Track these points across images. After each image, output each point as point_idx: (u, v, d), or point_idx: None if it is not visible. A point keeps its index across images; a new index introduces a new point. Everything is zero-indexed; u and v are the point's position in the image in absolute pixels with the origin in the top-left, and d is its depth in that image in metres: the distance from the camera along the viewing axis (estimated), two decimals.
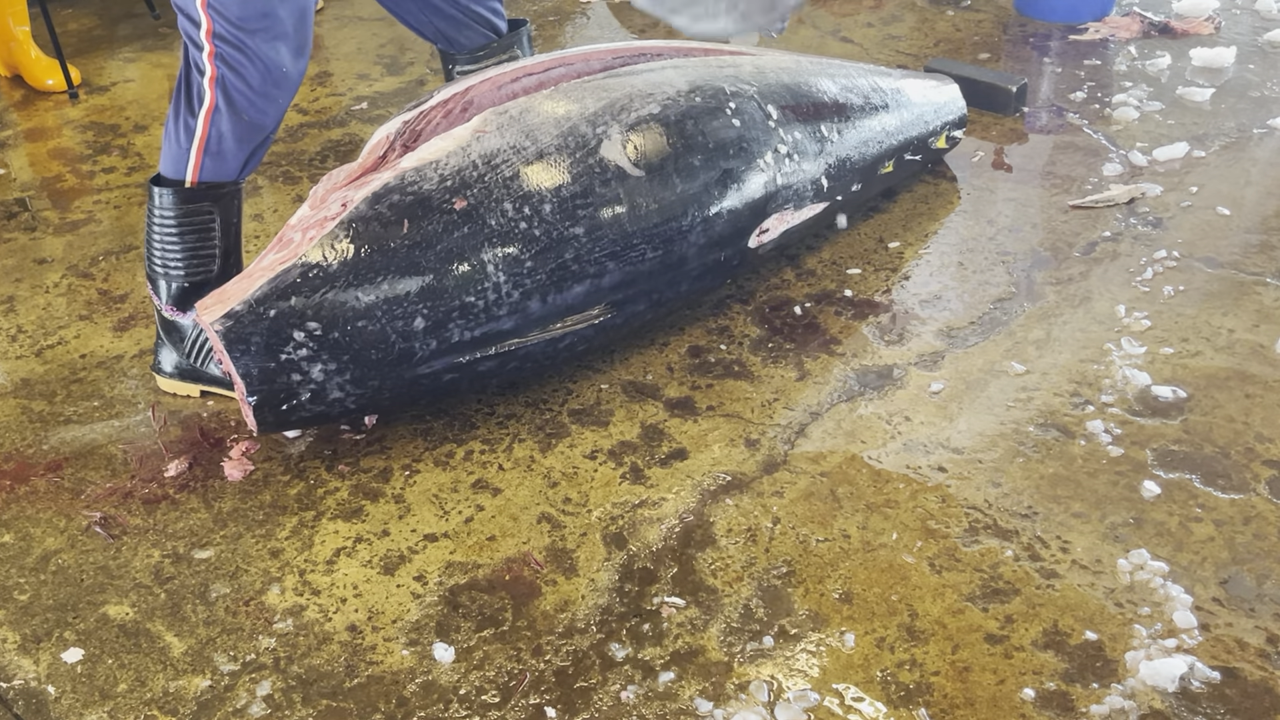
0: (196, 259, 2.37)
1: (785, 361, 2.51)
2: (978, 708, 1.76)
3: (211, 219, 2.35)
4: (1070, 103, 3.47)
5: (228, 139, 2.28)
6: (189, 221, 2.34)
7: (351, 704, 1.83)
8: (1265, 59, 3.65)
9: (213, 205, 2.34)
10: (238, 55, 2.20)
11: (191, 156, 2.29)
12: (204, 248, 2.37)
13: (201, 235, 2.36)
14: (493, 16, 2.75)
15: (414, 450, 2.33)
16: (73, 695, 1.87)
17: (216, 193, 2.33)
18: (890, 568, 2.01)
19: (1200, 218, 2.89)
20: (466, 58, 2.76)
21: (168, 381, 2.50)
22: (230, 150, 2.30)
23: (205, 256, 2.38)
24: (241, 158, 2.33)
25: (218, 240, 2.37)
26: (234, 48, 2.19)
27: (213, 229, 2.36)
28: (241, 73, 2.21)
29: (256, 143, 2.33)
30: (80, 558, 2.12)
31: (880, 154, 2.83)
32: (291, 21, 2.23)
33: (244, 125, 2.28)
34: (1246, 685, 1.78)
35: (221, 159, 2.30)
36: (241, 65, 2.21)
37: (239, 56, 2.20)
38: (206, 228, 2.35)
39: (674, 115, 2.42)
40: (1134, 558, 1.99)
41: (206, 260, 2.38)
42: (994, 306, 2.63)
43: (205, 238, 2.36)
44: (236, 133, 2.28)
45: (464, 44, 2.75)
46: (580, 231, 2.26)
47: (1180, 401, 2.32)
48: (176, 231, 2.34)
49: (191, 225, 2.34)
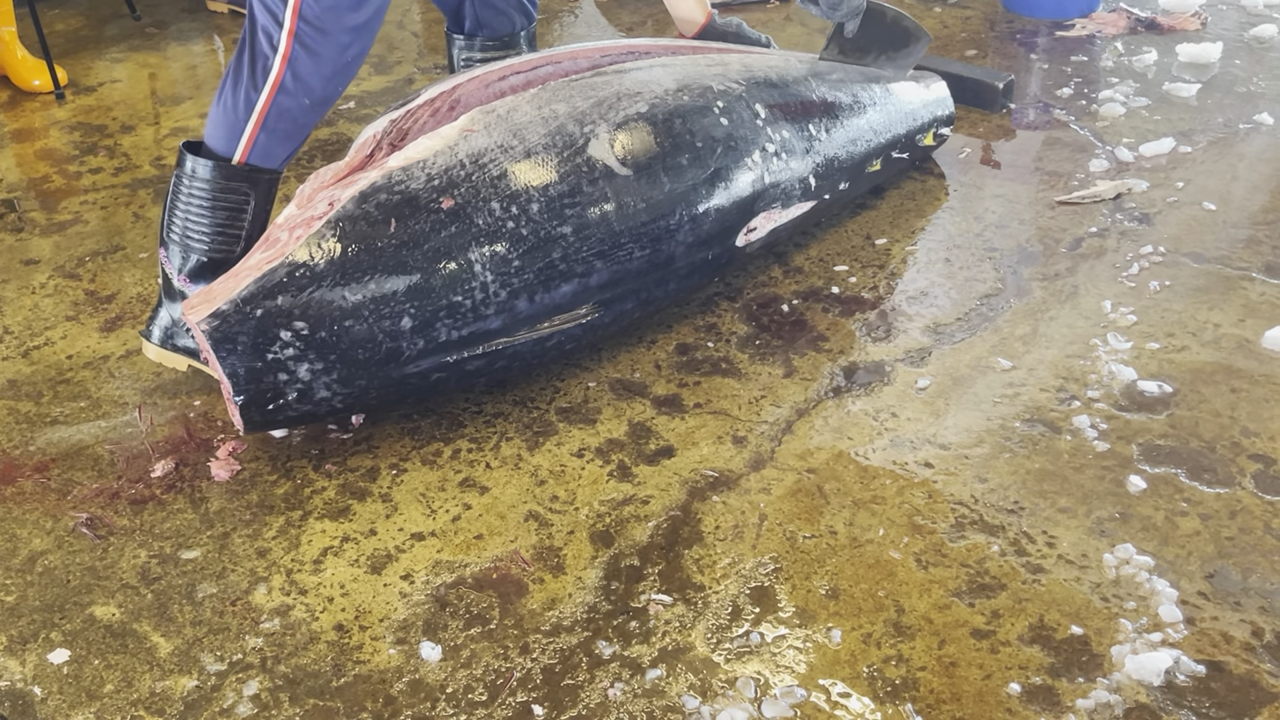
0: (223, 237, 2.35)
1: (773, 359, 2.51)
2: (964, 703, 1.77)
3: (247, 200, 2.33)
4: (1057, 99, 3.48)
5: (286, 119, 2.27)
6: (224, 199, 2.32)
7: (339, 703, 1.83)
8: (1251, 54, 3.66)
9: (251, 188, 2.33)
10: (320, 38, 2.19)
11: (247, 131, 2.27)
12: (232, 227, 2.35)
13: (233, 214, 2.33)
14: (528, 4, 2.78)
15: (401, 449, 2.33)
16: (59, 696, 1.86)
17: (257, 176, 2.32)
18: (877, 564, 2.01)
19: (1187, 213, 2.90)
20: (485, 43, 2.76)
21: (156, 351, 2.48)
22: (285, 132, 2.29)
23: (232, 236, 2.35)
24: (292, 143, 2.33)
25: (247, 224, 2.36)
26: (318, 30, 2.18)
27: (245, 211, 2.34)
28: (319, 55, 2.21)
29: (308, 130, 2.33)
30: (67, 558, 2.12)
31: (868, 152, 2.83)
32: (373, 10, 2.25)
33: (305, 109, 2.28)
34: (1232, 679, 1.78)
35: (275, 139, 2.29)
36: (320, 48, 2.20)
37: (320, 40, 2.19)
38: (239, 208, 2.33)
39: (661, 114, 2.42)
40: (1120, 552, 1.99)
41: (232, 240, 2.36)
42: (981, 303, 2.63)
43: (236, 218, 2.34)
44: (296, 115, 2.27)
45: (495, 28, 2.75)
46: (568, 231, 2.26)
47: (1166, 396, 2.33)
48: (208, 206, 2.32)
49: (225, 203, 2.32)
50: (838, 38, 2.89)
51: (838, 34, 2.89)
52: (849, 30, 2.85)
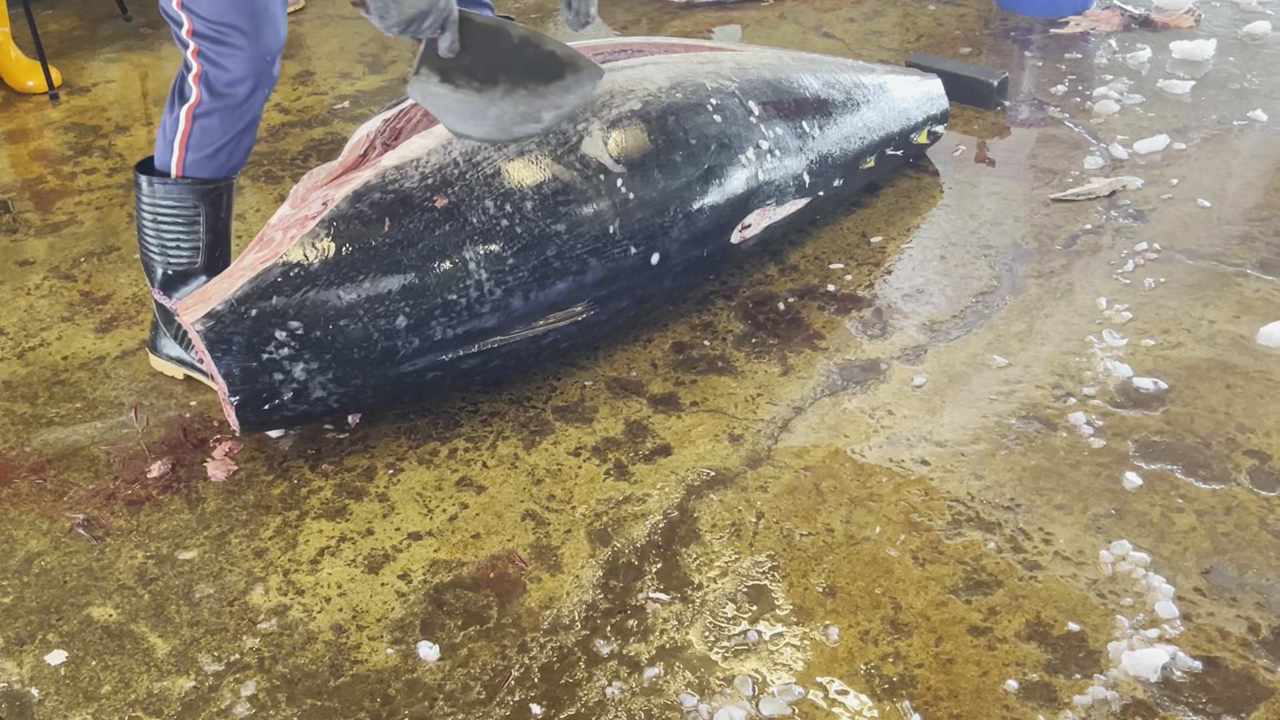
0: (179, 249, 2.37)
1: (769, 357, 2.51)
2: (961, 699, 1.77)
3: (196, 212, 2.35)
4: (1051, 96, 3.48)
5: (211, 134, 2.28)
6: (173, 212, 2.34)
7: (336, 703, 1.83)
8: (1245, 51, 3.67)
9: (198, 200, 2.34)
10: (218, 49, 2.20)
11: (175, 149, 2.30)
12: (187, 240, 2.37)
13: (186, 226, 2.35)
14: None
15: (398, 449, 2.33)
16: (56, 698, 1.86)
17: (203, 187, 2.33)
18: (874, 561, 2.01)
19: (1181, 210, 2.90)
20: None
21: (158, 361, 2.53)
22: (214, 145, 2.30)
23: (189, 249, 2.38)
24: (225, 154, 2.32)
25: (202, 234, 2.37)
26: (214, 42, 2.19)
27: (197, 222, 2.36)
28: (223, 65, 2.22)
29: (239, 138, 2.32)
30: (64, 560, 2.12)
31: (862, 149, 2.83)
32: (265, 12, 2.22)
33: (227, 120, 2.28)
34: (1228, 674, 1.79)
35: (205, 154, 2.30)
36: (222, 58, 2.21)
37: (219, 49, 2.20)
38: (191, 220, 2.35)
39: (655, 111, 2.42)
40: (1116, 549, 2.00)
41: (191, 253, 2.38)
42: (976, 300, 2.64)
43: (189, 230, 2.36)
44: (221, 127, 2.28)
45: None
46: (562, 228, 2.26)
47: (1161, 393, 2.33)
48: (160, 221, 2.35)
49: (175, 216, 2.34)
50: (431, 57, 2.11)
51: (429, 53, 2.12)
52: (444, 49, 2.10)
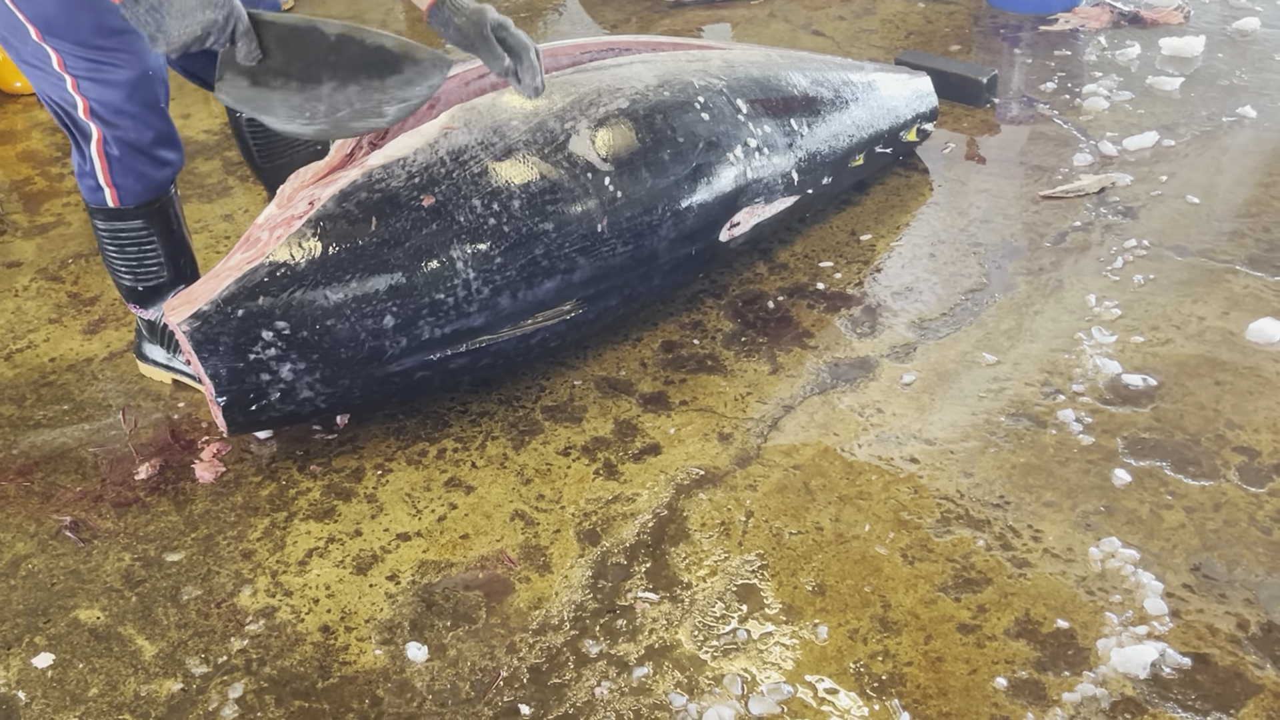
0: (142, 268, 2.38)
1: (758, 355, 2.51)
2: (951, 697, 1.77)
3: (149, 233, 2.34)
4: (1041, 93, 3.48)
5: (130, 158, 2.23)
6: (126, 237, 2.34)
7: (325, 704, 1.82)
8: (1234, 47, 3.67)
9: (146, 221, 2.33)
10: (96, 70, 2.13)
11: (105, 188, 2.26)
12: (148, 259, 2.37)
13: (141, 248, 2.35)
14: None
15: (386, 449, 2.32)
16: (43, 701, 1.85)
17: (146, 210, 2.31)
18: (863, 559, 2.01)
19: (1170, 206, 2.90)
20: None
21: (146, 367, 2.53)
22: (135, 170, 2.25)
23: (151, 266, 2.38)
24: (152, 175, 2.28)
25: (159, 250, 2.37)
26: (90, 64, 2.12)
27: (152, 241, 2.35)
28: (106, 88, 2.15)
29: (160, 152, 2.27)
30: (51, 562, 2.11)
31: (851, 147, 2.83)
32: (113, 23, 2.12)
33: (137, 140, 2.22)
34: (1217, 671, 1.78)
35: (133, 178, 2.26)
36: (103, 81, 2.14)
37: (97, 70, 2.13)
38: (145, 241, 2.35)
39: (643, 110, 2.42)
40: (1105, 545, 1.99)
41: (154, 269, 2.39)
42: (966, 297, 2.64)
43: (146, 251, 2.36)
44: (134, 149, 2.23)
45: None
46: (550, 227, 2.26)
47: (1151, 389, 2.33)
48: (116, 246, 2.35)
49: (130, 239, 2.34)
50: (230, 64, 2.07)
51: (227, 59, 2.07)
52: (242, 56, 2.04)
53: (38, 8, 2.06)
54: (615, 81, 2.44)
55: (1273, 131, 3.18)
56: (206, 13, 1.94)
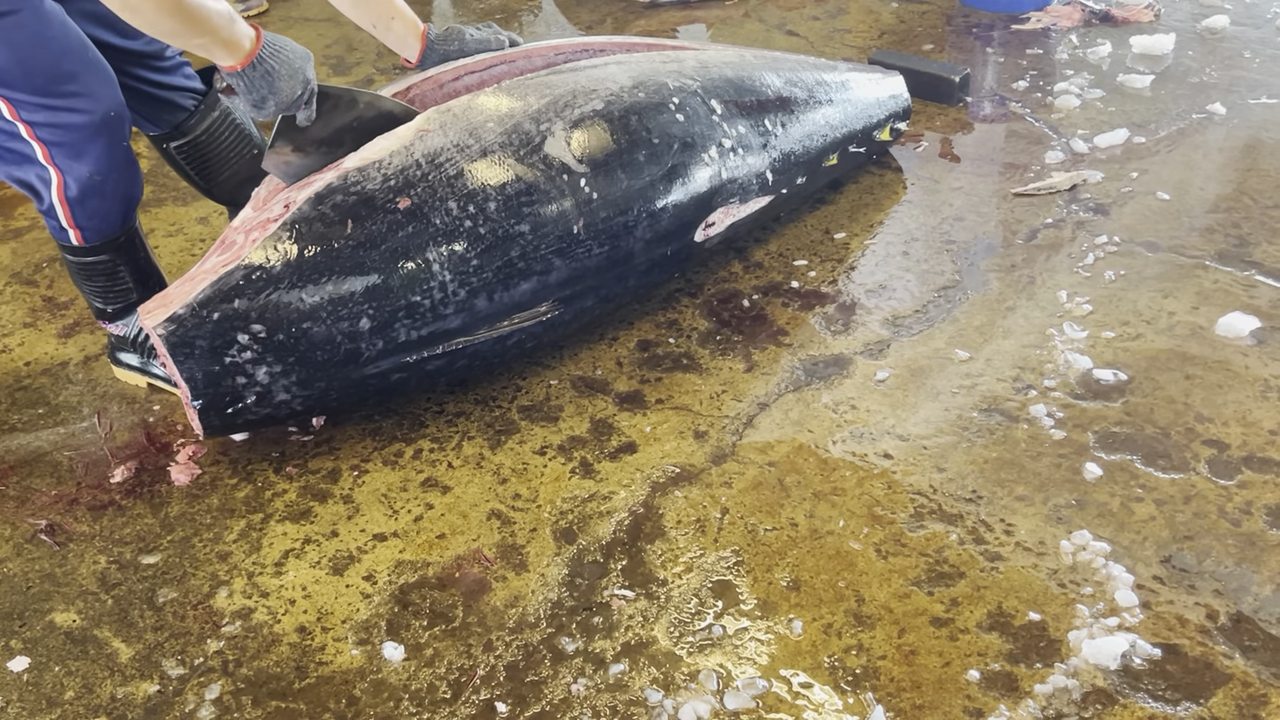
0: (112, 294, 2.40)
1: (734, 353, 2.52)
2: (924, 690, 1.78)
3: (114, 264, 2.35)
4: (1013, 92, 3.50)
5: (92, 201, 2.22)
6: (93, 268, 2.35)
7: (302, 705, 1.83)
8: (1204, 45, 3.70)
9: (111, 252, 2.33)
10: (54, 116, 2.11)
11: (69, 230, 2.26)
12: (116, 286, 2.39)
13: (110, 277, 2.37)
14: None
15: (362, 450, 2.32)
16: (19, 704, 1.85)
17: (113, 244, 2.32)
18: (837, 554, 2.02)
19: (1141, 203, 2.93)
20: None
21: (120, 371, 2.54)
22: (101, 210, 2.24)
23: (120, 290, 2.40)
24: (119, 209, 2.28)
25: (128, 277, 2.38)
26: (47, 110, 2.10)
27: (119, 270, 2.37)
28: (65, 133, 2.13)
29: (124, 190, 2.26)
30: (26, 566, 2.11)
31: (824, 147, 2.85)
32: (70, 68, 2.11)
33: (95, 186, 2.21)
34: (1187, 661, 1.81)
35: (96, 222, 2.26)
36: (61, 127, 2.12)
37: (55, 116, 2.11)
38: (113, 271, 2.36)
39: (618, 111, 2.43)
40: (1076, 539, 2.01)
41: (123, 294, 2.40)
42: (939, 295, 2.65)
43: (114, 279, 2.38)
44: (97, 192, 2.21)
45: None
46: (526, 229, 2.27)
47: (1121, 384, 2.35)
48: (85, 275, 2.36)
49: (98, 270, 2.35)
50: (288, 131, 2.18)
51: (286, 127, 2.18)
52: (302, 120, 2.16)
53: None
54: (590, 83, 2.45)
55: (1242, 128, 3.21)
56: (307, 70, 2.08)
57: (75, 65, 2.11)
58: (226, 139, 2.55)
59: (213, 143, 2.54)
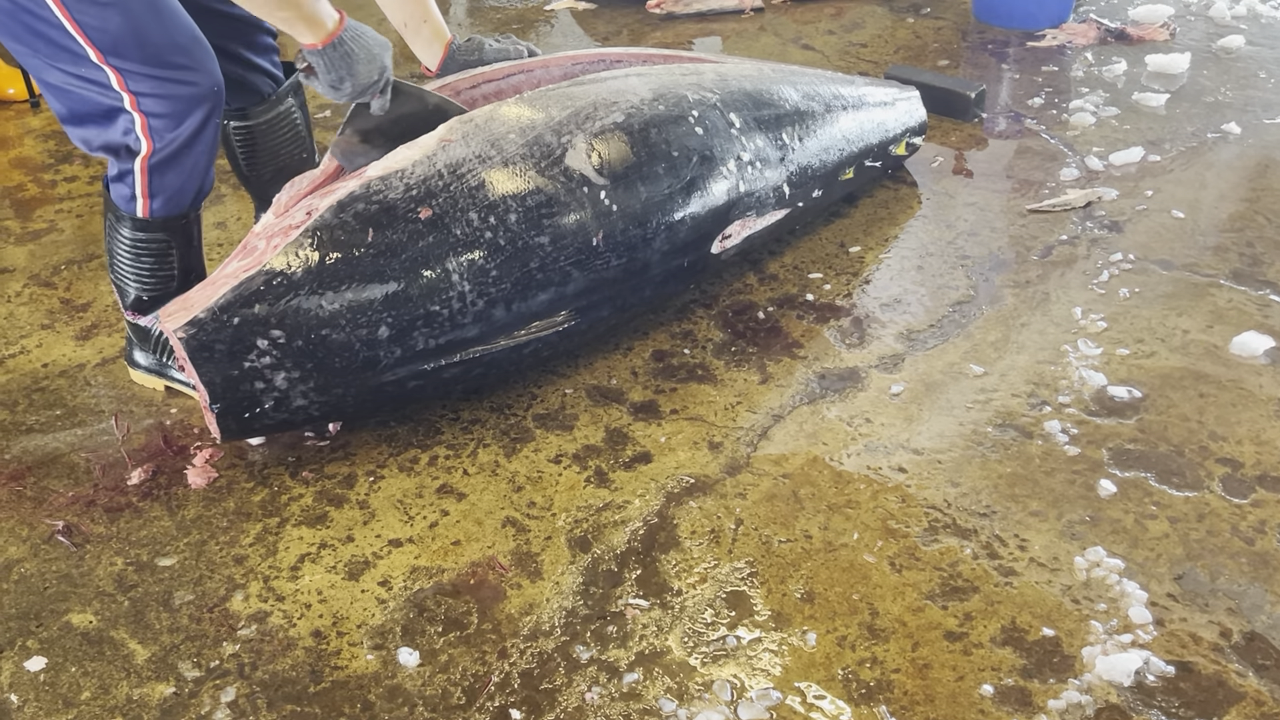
0: (154, 279, 2.39)
1: (748, 365, 2.53)
2: (937, 704, 1.79)
3: (169, 245, 2.36)
4: (1028, 108, 3.52)
5: (172, 178, 2.25)
6: (146, 247, 2.35)
7: (316, 709, 1.83)
8: (1219, 64, 3.71)
9: (170, 235, 2.34)
10: (161, 88, 2.14)
11: (139, 200, 2.27)
12: (161, 270, 2.38)
13: (159, 259, 2.37)
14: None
15: (378, 456, 2.33)
16: (35, 704, 1.86)
17: (171, 223, 2.33)
18: (851, 567, 2.03)
19: (1156, 221, 2.94)
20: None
21: (138, 374, 2.54)
22: (177, 186, 2.27)
23: (163, 276, 2.39)
24: (193, 189, 2.30)
25: (175, 263, 2.38)
26: (156, 81, 2.13)
27: (170, 255, 2.37)
28: (168, 109, 2.16)
29: (202, 171, 2.29)
30: (43, 566, 2.12)
31: (841, 161, 2.86)
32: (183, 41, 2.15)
33: (185, 160, 2.24)
34: (1200, 679, 1.81)
35: (170, 195, 2.28)
36: (166, 101, 2.16)
37: (162, 89, 2.14)
38: (164, 254, 2.36)
39: (638, 124, 2.44)
40: (1090, 555, 2.02)
41: (165, 280, 2.40)
42: (953, 309, 2.66)
43: (163, 261, 2.37)
44: (179, 169, 2.25)
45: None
46: (545, 240, 2.28)
47: (1135, 401, 2.36)
48: (133, 254, 2.36)
49: (148, 251, 2.35)
50: (360, 117, 2.29)
51: (359, 114, 2.29)
52: (376, 108, 2.26)
53: (103, 31, 2.07)
54: (610, 95, 2.47)
55: (1256, 148, 3.22)
56: (385, 58, 2.15)
57: (186, 39, 2.15)
58: (284, 134, 2.62)
59: (271, 134, 2.60)
